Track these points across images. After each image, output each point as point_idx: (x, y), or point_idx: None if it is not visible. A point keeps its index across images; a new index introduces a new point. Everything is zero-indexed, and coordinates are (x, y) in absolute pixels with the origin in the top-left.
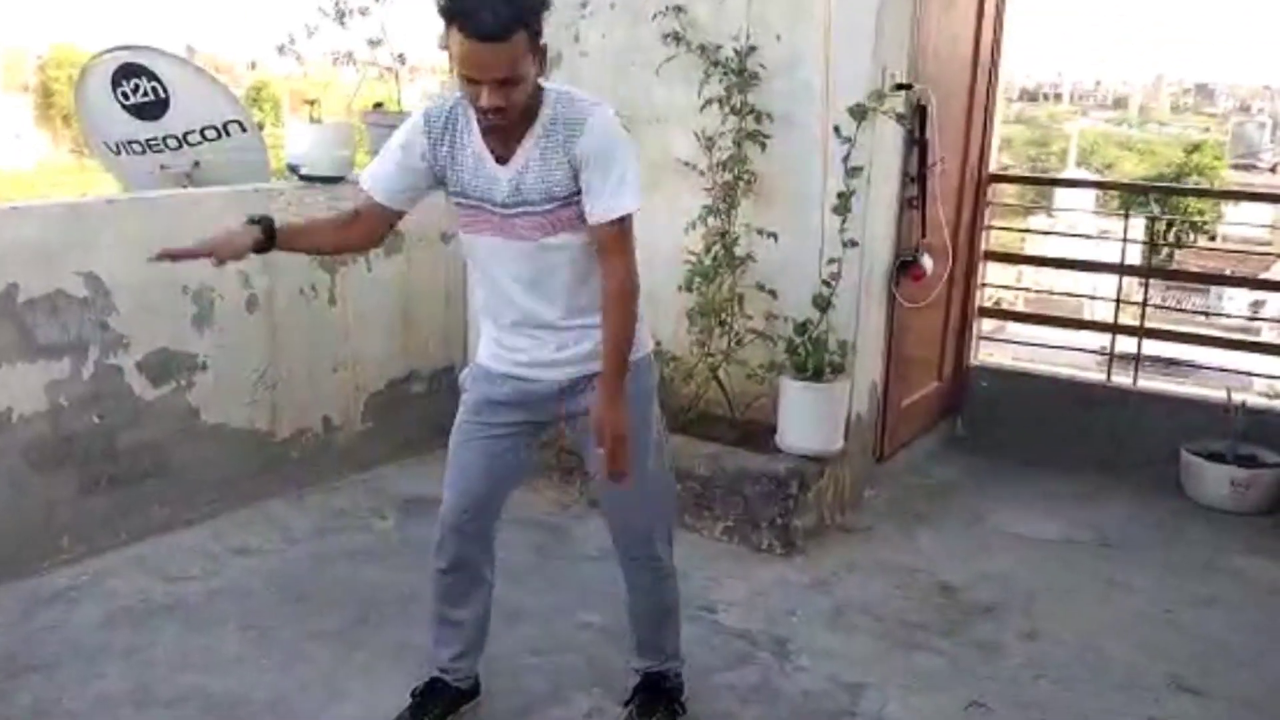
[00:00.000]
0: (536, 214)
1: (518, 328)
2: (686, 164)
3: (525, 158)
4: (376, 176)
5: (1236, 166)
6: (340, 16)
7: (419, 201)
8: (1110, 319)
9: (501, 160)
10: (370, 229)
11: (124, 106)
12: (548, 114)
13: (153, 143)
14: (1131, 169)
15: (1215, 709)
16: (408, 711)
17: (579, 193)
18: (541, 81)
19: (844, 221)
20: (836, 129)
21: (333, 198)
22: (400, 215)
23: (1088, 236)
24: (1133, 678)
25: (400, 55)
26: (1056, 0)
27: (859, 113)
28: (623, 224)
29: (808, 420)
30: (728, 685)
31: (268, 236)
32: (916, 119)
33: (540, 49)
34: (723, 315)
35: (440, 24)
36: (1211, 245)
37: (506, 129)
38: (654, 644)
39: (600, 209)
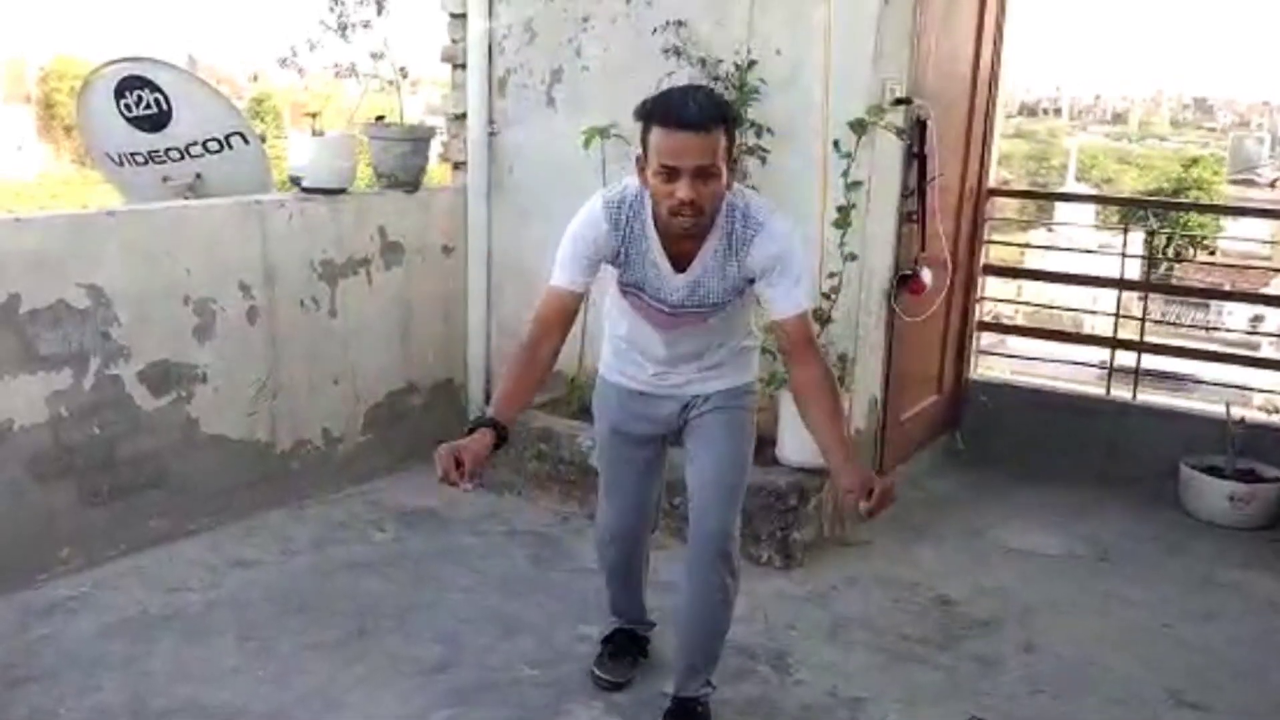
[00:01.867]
0: (705, 311)
1: (658, 365)
2: None
3: (702, 267)
4: (570, 274)
5: (1235, 181)
6: (342, 29)
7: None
8: (1110, 333)
9: (678, 268)
10: (567, 323)
11: (126, 118)
12: (726, 227)
13: (155, 154)
14: (1131, 183)
15: None
16: (605, 655)
17: (742, 292)
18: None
19: (843, 235)
20: (836, 143)
21: (334, 209)
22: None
23: (1087, 251)
24: (1131, 692)
25: (402, 68)
26: (1056, 16)
27: (859, 127)
28: (807, 317)
29: (807, 434)
30: (726, 699)
31: (496, 428)
32: (916, 133)
33: (733, 160)
34: None
35: (638, 131)
36: (1211, 260)
37: (691, 238)
38: (701, 666)
39: (789, 307)
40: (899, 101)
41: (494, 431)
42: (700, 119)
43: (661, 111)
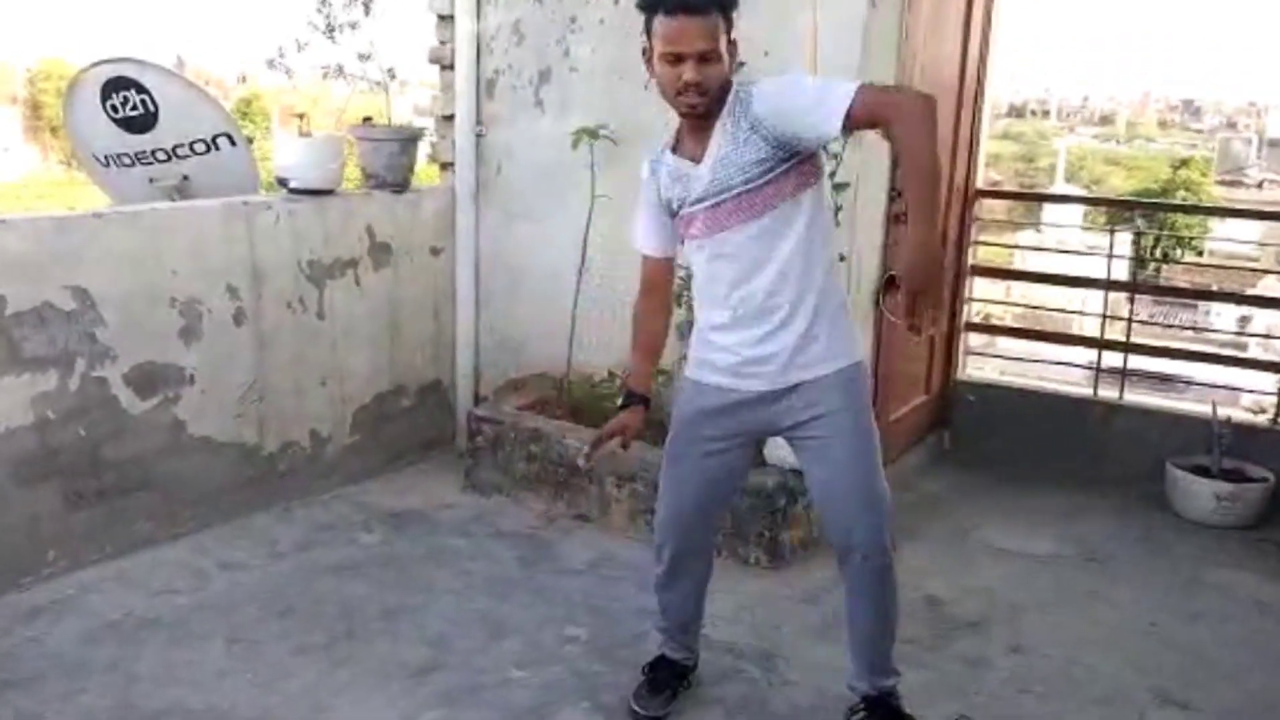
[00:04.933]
0: (737, 195)
1: (737, 322)
2: None
3: (715, 145)
4: (647, 237)
5: (1223, 182)
6: (330, 30)
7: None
8: (1097, 334)
9: (697, 160)
10: (670, 280)
11: (113, 119)
12: (729, 107)
13: (142, 156)
14: (1119, 184)
15: None
16: (644, 686)
17: (774, 167)
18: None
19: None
20: (824, 145)
21: (321, 210)
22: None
23: (1075, 252)
24: (1118, 691)
25: (390, 69)
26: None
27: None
28: (861, 94)
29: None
30: (716, 699)
31: (645, 401)
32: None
33: (733, 43)
34: None
35: (642, 23)
36: (1199, 261)
37: (701, 117)
38: (883, 658)
39: (838, 102)
40: None
41: (644, 405)
42: (699, 2)
43: (663, 1)
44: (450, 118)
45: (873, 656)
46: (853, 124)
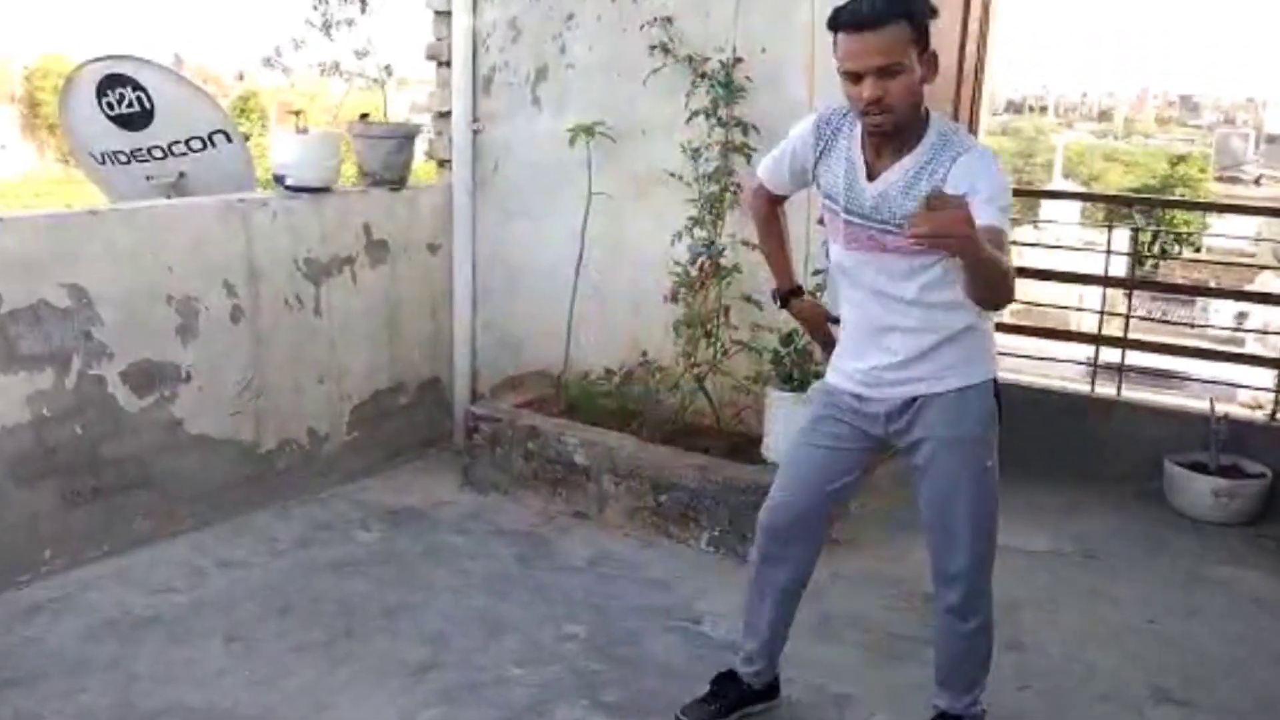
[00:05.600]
0: (889, 233)
1: (869, 336)
2: (672, 175)
3: (894, 179)
4: (770, 173)
5: (1221, 179)
6: (327, 28)
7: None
8: (1095, 330)
9: (871, 176)
10: (774, 208)
11: (109, 117)
12: (931, 143)
13: (138, 153)
14: (1117, 181)
15: (1199, 719)
16: (702, 698)
17: None
18: (934, 114)
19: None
20: None
21: (318, 207)
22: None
23: (1073, 248)
24: (1117, 688)
25: (387, 66)
26: (1043, 13)
27: None
28: (995, 233)
29: (794, 431)
30: None
31: (797, 291)
32: None
33: (927, 53)
34: (709, 326)
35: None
36: (1196, 257)
37: (889, 135)
38: (960, 688)
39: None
40: None
41: (799, 293)
42: (874, 15)
43: (839, 16)
44: (447, 114)
45: (944, 676)
46: None
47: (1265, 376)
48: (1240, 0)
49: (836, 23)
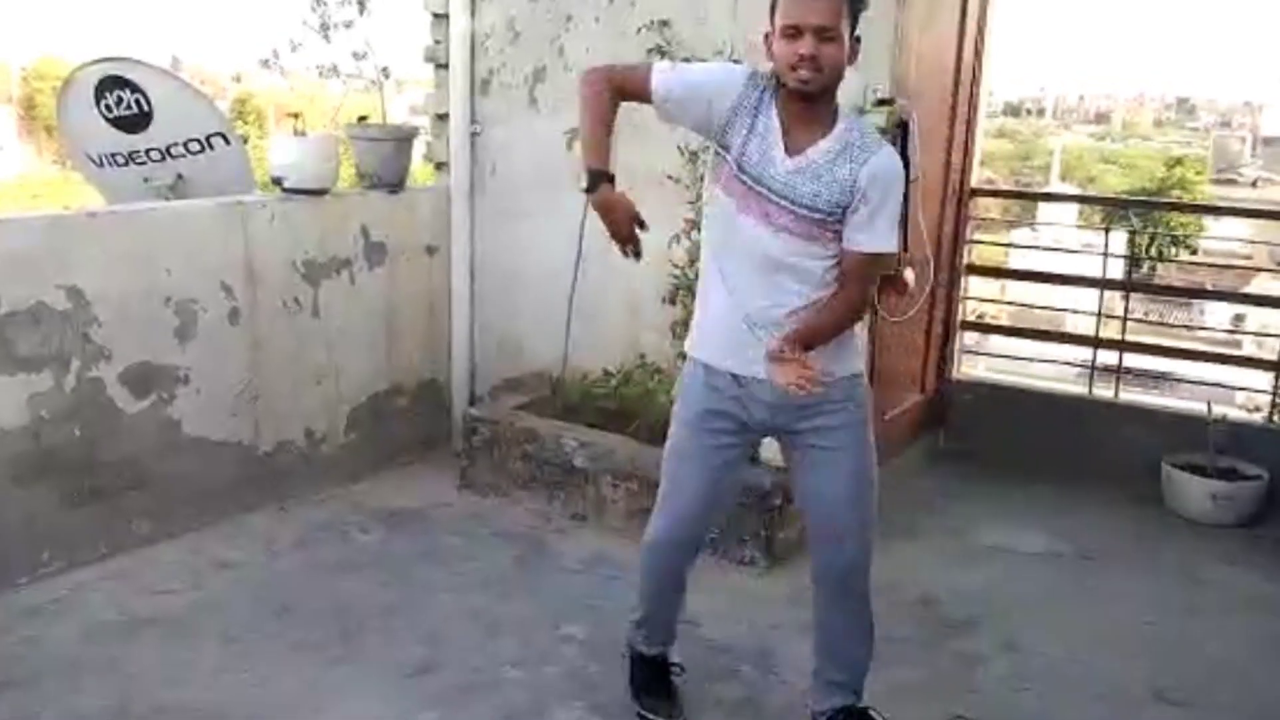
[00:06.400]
0: (799, 215)
1: (749, 323)
2: (670, 177)
3: (812, 159)
4: (667, 82)
5: (1217, 181)
6: (324, 30)
7: (671, 121)
8: (1092, 333)
9: (789, 151)
10: (622, 98)
11: (107, 119)
12: (844, 129)
13: (136, 155)
14: (1114, 183)
15: None
16: (650, 695)
17: (836, 217)
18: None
19: None
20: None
21: (316, 210)
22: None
23: (1070, 250)
24: (1115, 689)
25: (384, 69)
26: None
27: None
28: (875, 260)
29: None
30: (711, 698)
31: (609, 178)
32: (898, 134)
33: (855, 35)
34: None
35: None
36: (1193, 259)
37: (810, 101)
38: (853, 677)
39: (862, 240)
40: (881, 102)
41: (610, 181)
42: None
43: None
44: (445, 117)
45: (832, 676)
46: (845, 260)
47: (1262, 379)
48: (1237, 3)
49: None
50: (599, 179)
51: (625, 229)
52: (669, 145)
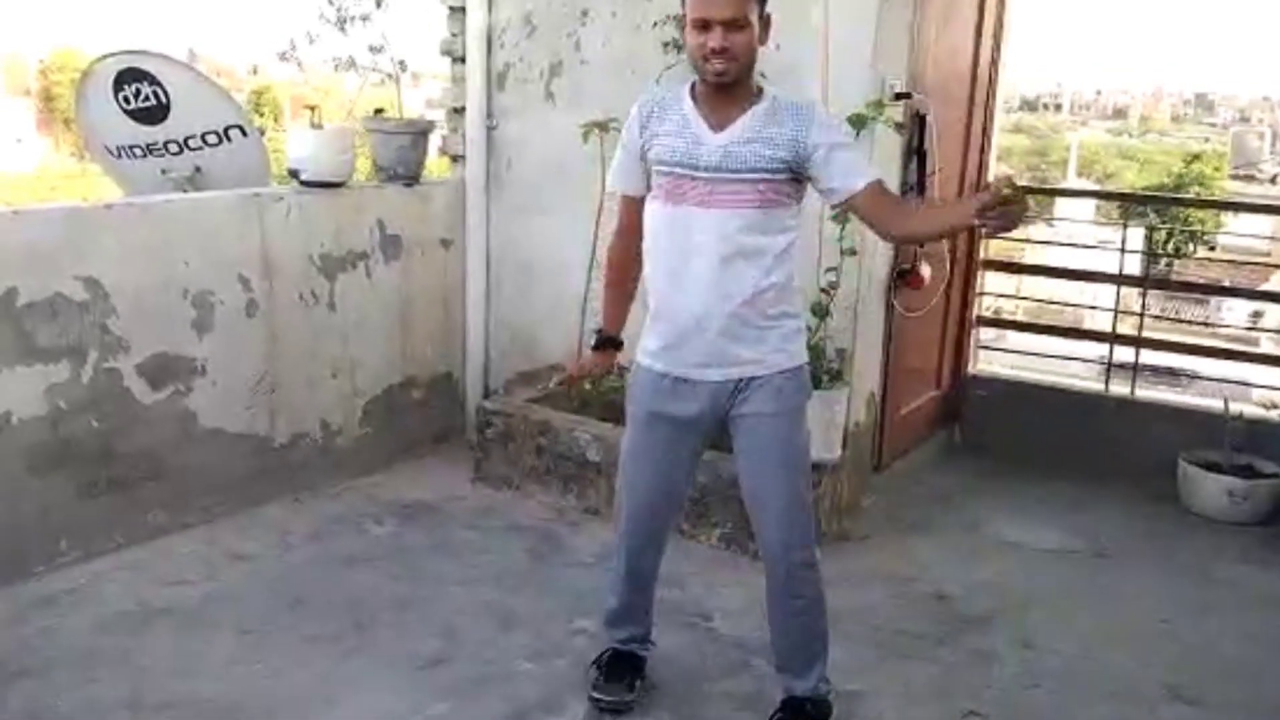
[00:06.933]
0: (742, 183)
1: (697, 321)
2: None
3: (744, 128)
4: (624, 177)
5: (1236, 177)
6: (342, 23)
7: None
8: (1109, 329)
9: (715, 128)
10: (639, 222)
11: (125, 111)
12: (769, 96)
13: (154, 147)
14: (1132, 179)
15: (1211, 719)
16: (600, 677)
17: (786, 176)
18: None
19: (842, 230)
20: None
21: (333, 203)
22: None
23: (1087, 246)
24: (1129, 687)
25: (401, 61)
26: (1057, 10)
27: (858, 122)
28: (881, 184)
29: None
30: (723, 693)
31: (615, 343)
32: (916, 128)
33: (764, 14)
34: None
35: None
36: (1211, 256)
37: (728, 87)
38: (800, 670)
39: (855, 180)
40: (899, 96)
41: (615, 347)
42: None
43: None
44: (461, 110)
45: (786, 662)
46: (862, 205)
47: (1279, 376)
48: None
49: None
50: (605, 342)
51: (587, 374)
52: None
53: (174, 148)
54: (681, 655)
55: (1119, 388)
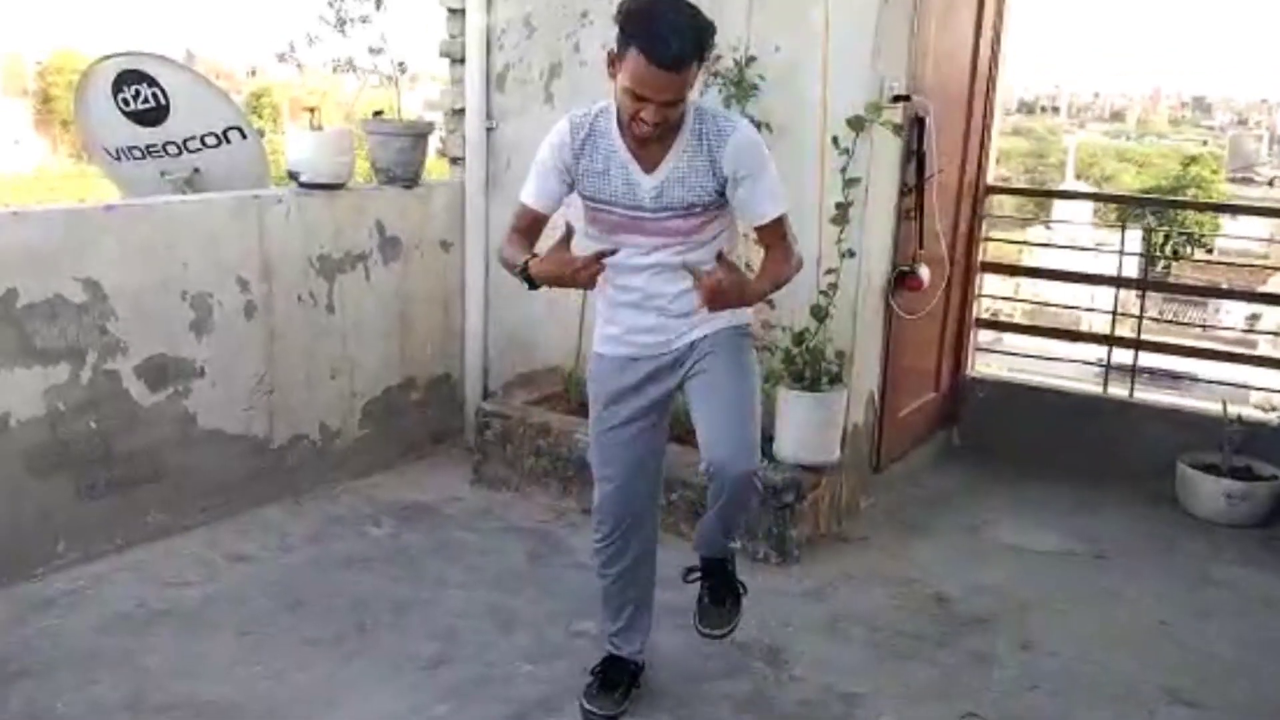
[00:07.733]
0: (678, 217)
1: (638, 308)
2: None
3: (672, 165)
4: (538, 193)
5: (1234, 180)
6: (341, 24)
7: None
8: (1107, 331)
9: (647, 169)
10: (536, 238)
11: (124, 112)
12: (693, 127)
13: (153, 149)
14: (1130, 181)
15: None
16: (594, 685)
17: (716, 204)
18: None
19: (841, 232)
20: (835, 140)
21: (332, 204)
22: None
23: (1085, 249)
24: (1128, 689)
25: (400, 63)
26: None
27: (857, 124)
28: (784, 220)
29: (805, 430)
30: (723, 694)
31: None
32: (914, 130)
33: (700, 70)
34: None
35: (614, 41)
36: (1208, 258)
37: (656, 140)
38: (726, 539)
39: (766, 210)
40: (897, 98)
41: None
42: (680, 58)
43: (644, 40)
44: (460, 112)
45: (715, 536)
46: (761, 235)
47: (1277, 378)
48: (1253, 2)
49: (637, 40)
50: (525, 268)
51: (581, 277)
52: None
53: (173, 149)
54: (681, 656)
55: (1117, 390)
